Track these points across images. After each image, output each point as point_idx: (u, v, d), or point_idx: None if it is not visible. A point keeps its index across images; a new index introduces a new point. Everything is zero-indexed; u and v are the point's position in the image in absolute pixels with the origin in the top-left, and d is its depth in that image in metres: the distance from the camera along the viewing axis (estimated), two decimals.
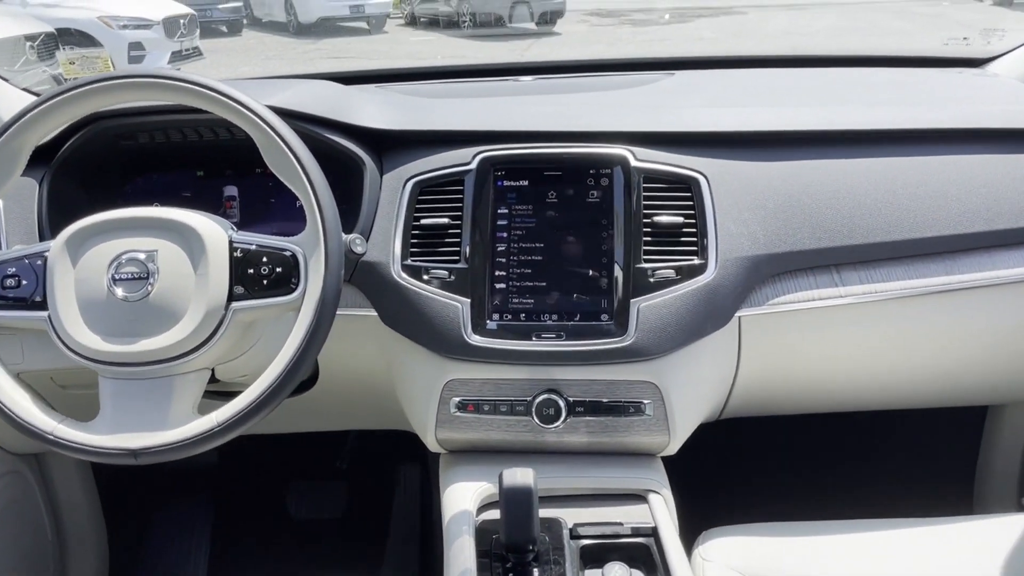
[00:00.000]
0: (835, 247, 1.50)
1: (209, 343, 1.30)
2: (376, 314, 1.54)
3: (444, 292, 1.43)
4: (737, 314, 1.50)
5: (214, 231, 1.33)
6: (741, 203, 1.51)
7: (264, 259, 1.31)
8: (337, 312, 1.23)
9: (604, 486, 1.48)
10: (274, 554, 2.28)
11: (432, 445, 1.55)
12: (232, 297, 1.31)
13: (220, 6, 13.86)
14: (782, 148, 1.58)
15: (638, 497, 1.46)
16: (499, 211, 1.45)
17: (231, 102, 1.29)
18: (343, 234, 1.32)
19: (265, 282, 1.31)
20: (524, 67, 2.05)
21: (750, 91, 1.88)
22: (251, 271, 1.31)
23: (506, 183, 1.47)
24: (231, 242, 1.33)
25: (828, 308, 1.51)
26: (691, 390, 1.51)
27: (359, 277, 1.47)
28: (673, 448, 1.51)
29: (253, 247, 1.32)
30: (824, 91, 1.87)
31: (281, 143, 1.29)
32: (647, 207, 1.48)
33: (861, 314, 1.52)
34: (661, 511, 1.41)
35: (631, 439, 1.49)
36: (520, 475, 1.26)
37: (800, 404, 1.75)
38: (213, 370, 1.43)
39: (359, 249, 1.38)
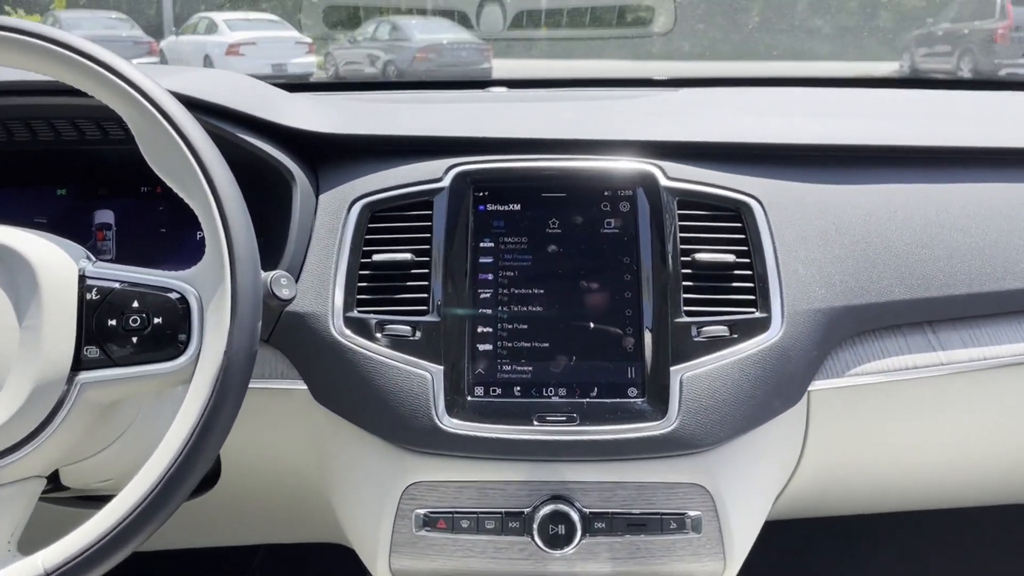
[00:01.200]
0: (930, 298, 1.14)
1: (39, 437, 0.83)
2: (306, 388, 1.09)
3: (406, 356, 1.06)
4: (809, 387, 1.09)
5: (54, 260, 0.86)
6: (808, 237, 1.13)
7: (135, 304, 0.86)
8: (249, 385, 0.87)
9: None
10: None
11: (383, 574, 1.08)
12: (81, 364, 0.85)
13: None
14: (858, 168, 1.21)
15: None
16: (482, 244, 1.11)
17: (86, 61, 0.84)
18: (261, 271, 0.87)
19: (136, 340, 0.85)
20: (500, 81, 1.65)
21: (797, 105, 1.51)
22: (113, 322, 0.85)
23: (491, 207, 1.13)
24: (82, 278, 0.87)
25: (924, 379, 1.12)
26: (753, 493, 1.10)
27: (282, 334, 1.11)
28: (729, 575, 1.08)
29: (117, 285, 0.87)
30: (891, 108, 1.51)
31: (167, 123, 0.85)
32: (685, 240, 1.10)
33: (965, 387, 1.15)
34: None
35: (673, 567, 1.06)
36: None
37: (871, 503, 1.36)
38: (57, 474, 0.94)
39: (284, 293, 0.94)
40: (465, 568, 1.07)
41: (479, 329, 1.10)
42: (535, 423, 1.05)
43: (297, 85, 1.42)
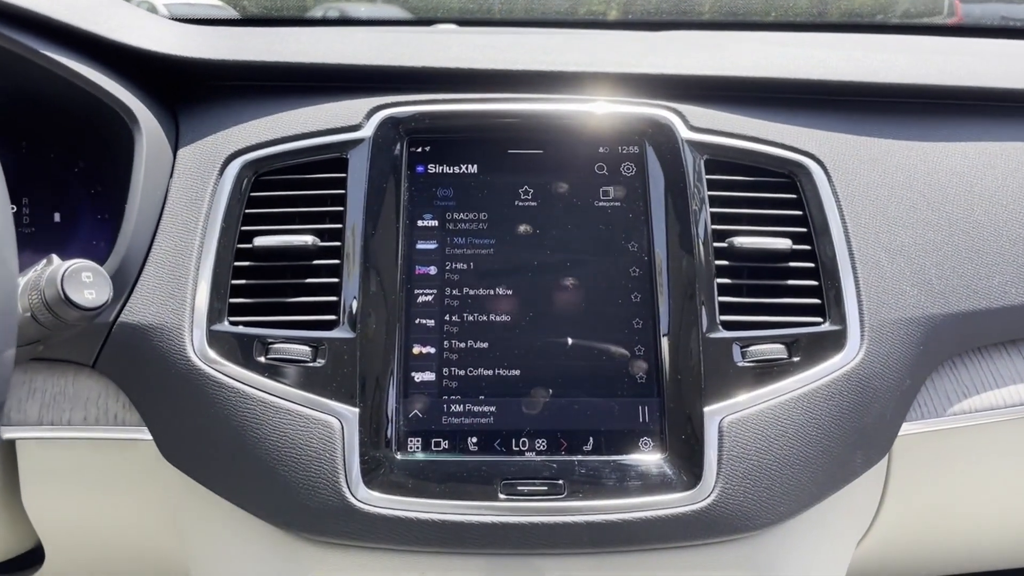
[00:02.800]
0: None
1: None
2: (151, 438, 0.71)
3: (302, 394, 0.71)
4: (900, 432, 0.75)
5: None
6: (892, 213, 0.79)
7: None
8: (68, 435, 0.68)
9: None
10: None
11: None
12: None
13: None
14: (952, 119, 0.88)
15: None
16: (420, 223, 0.77)
17: None
18: (52, 261, 0.54)
19: None
20: (447, 19, 1.27)
21: (848, 43, 1.14)
22: None
23: (434, 169, 0.80)
24: None
25: None
26: None
27: (115, 358, 0.74)
28: None
29: None
30: (967, 49, 1.15)
31: None
32: (718, 218, 0.77)
33: None
34: None
35: None
36: None
37: (947, 565, 1.02)
38: None
39: (86, 297, 0.56)
40: None
41: (416, 349, 0.73)
42: (501, 495, 0.69)
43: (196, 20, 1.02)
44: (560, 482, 0.69)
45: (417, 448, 0.71)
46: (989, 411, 0.79)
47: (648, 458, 0.71)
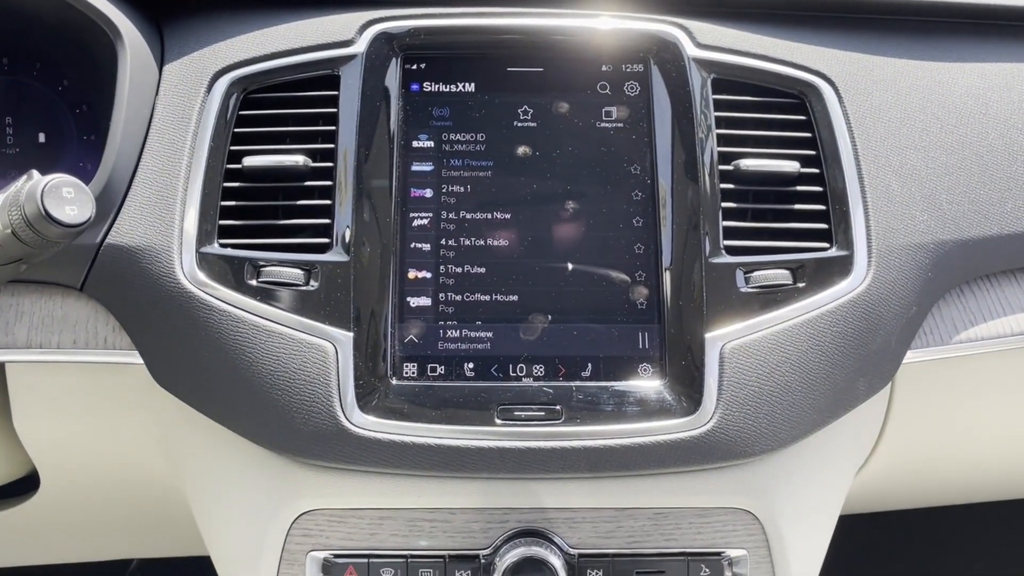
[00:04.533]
0: None
1: None
2: (142, 362, 0.71)
3: (295, 318, 0.70)
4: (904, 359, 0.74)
5: None
6: (904, 136, 0.77)
7: None
8: (57, 358, 0.69)
9: None
10: None
11: None
12: None
13: None
14: (969, 38, 0.85)
15: None
16: (416, 144, 0.75)
17: None
18: (35, 175, 0.59)
19: None
20: None
21: None
22: None
23: (430, 87, 0.77)
24: None
25: None
26: (818, 513, 0.77)
27: (104, 281, 0.73)
28: None
29: None
30: None
31: None
32: (724, 140, 0.76)
33: None
34: None
35: None
36: None
37: (944, 495, 1.03)
38: None
39: (68, 213, 0.55)
40: None
41: (411, 274, 0.71)
42: (497, 420, 0.68)
43: None
44: (557, 408, 0.68)
45: (413, 373, 0.70)
46: (996, 339, 0.77)
47: (647, 384, 0.70)
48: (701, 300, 0.70)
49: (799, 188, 0.74)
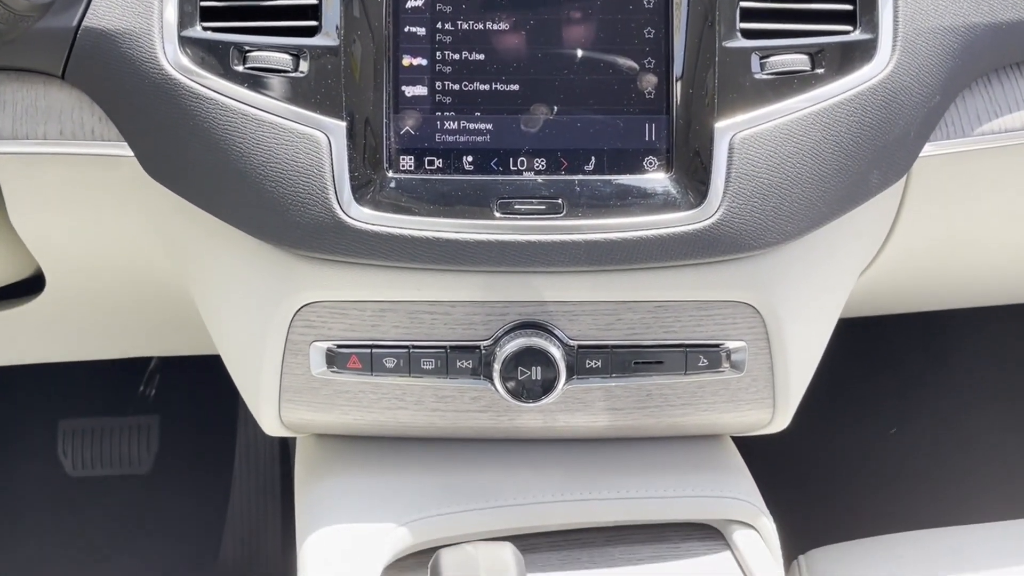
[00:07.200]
0: None
1: None
2: (132, 154, 0.69)
3: (284, 106, 0.67)
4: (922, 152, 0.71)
5: None
6: None
7: None
8: (46, 150, 0.67)
9: (642, 516, 0.73)
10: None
11: (272, 428, 0.74)
12: None
13: None
14: None
15: (707, 535, 0.73)
16: None
17: None
18: None
19: None
20: None
21: None
22: None
23: None
24: None
25: None
26: (820, 308, 0.76)
27: (85, 67, 0.69)
28: (777, 426, 0.76)
29: None
30: None
31: None
32: None
33: None
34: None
35: (699, 419, 0.73)
36: (489, 566, 0.53)
37: (948, 298, 1.03)
38: None
39: None
40: (393, 423, 0.73)
41: (406, 61, 0.67)
42: (497, 213, 0.66)
43: None
44: (559, 201, 0.66)
45: (410, 166, 0.68)
46: (1020, 131, 0.74)
47: (653, 177, 0.67)
48: (713, 87, 0.66)
49: None
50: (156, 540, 1.48)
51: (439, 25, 0.67)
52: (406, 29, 0.67)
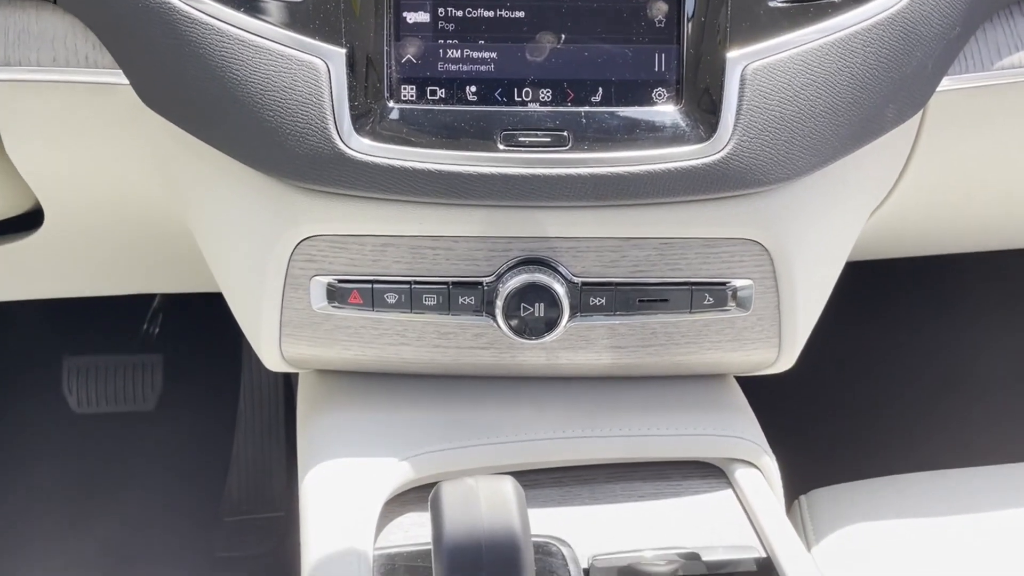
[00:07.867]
0: None
1: None
2: (127, 83, 0.67)
3: (282, 32, 0.64)
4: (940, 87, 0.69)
5: None
6: None
7: None
8: (40, 76, 0.65)
9: (644, 454, 0.73)
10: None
11: (273, 363, 0.74)
12: None
13: None
14: None
15: (709, 473, 0.73)
16: None
17: None
18: None
19: None
20: None
21: None
22: None
23: None
24: None
25: None
26: (829, 246, 0.75)
27: None
28: (782, 366, 0.75)
29: None
30: None
31: None
32: None
33: None
34: (767, 513, 0.68)
35: (703, 357, 0.73)
36: (489, 499, 0.51)
37: (959, 240, 1.02)
38: None
39: None
40: (395, 359, 0.73)
41: None
42: (500, 145, 0.64)
43: None
44: (564, 133, 0.65)
45: (411, 96, 0.66)
46: None
47: (661, 109, 0.66)
48: (726, 16, 0.64)
49: None
50: (161, 477, 1.50)
51: None
52: None
